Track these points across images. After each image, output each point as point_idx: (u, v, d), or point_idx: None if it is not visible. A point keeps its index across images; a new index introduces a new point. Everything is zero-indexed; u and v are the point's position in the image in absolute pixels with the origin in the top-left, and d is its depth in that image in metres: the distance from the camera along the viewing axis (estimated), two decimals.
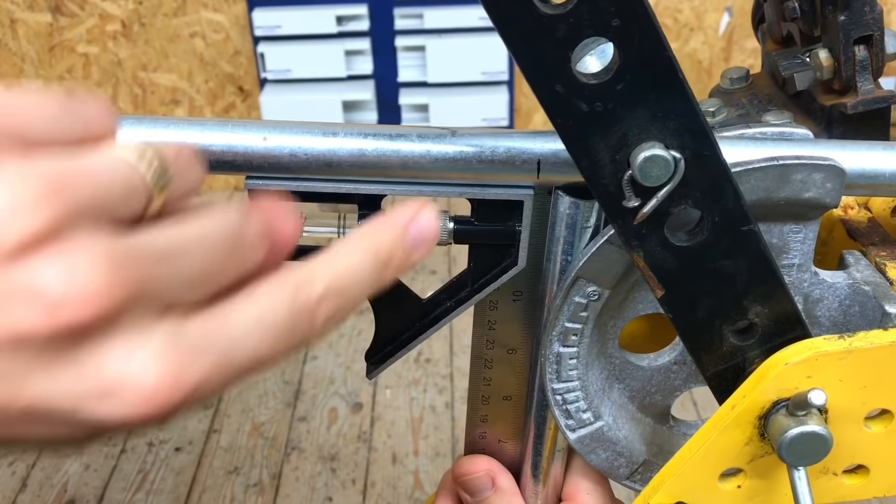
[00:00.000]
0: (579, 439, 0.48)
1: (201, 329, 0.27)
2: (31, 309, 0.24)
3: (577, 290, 0.43)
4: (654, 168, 0.35)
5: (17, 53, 2.49)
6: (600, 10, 0.33)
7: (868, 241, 0.47)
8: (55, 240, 0.25)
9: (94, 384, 0.26)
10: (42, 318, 0.24)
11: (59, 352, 0.25)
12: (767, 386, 0.40)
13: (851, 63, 0.48)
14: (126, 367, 0.26)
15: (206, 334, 0.28)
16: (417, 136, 0.41)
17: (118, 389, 0.26)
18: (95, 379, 0.26)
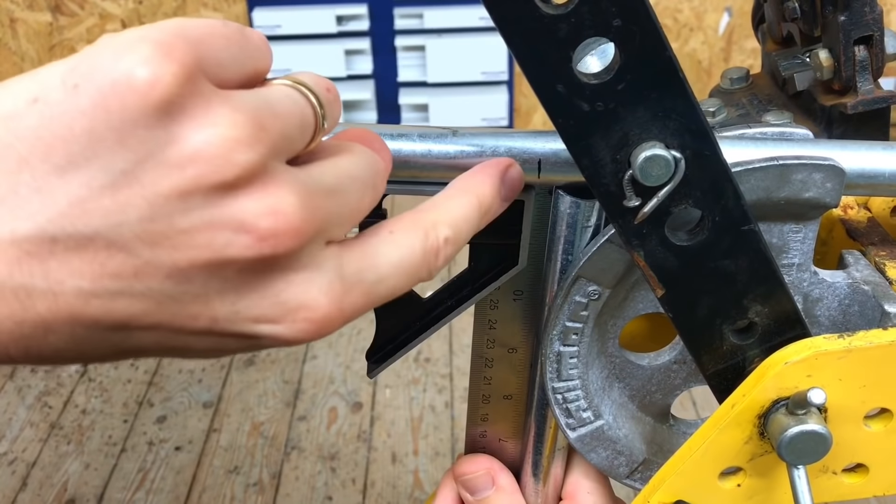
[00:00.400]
0: (579, 438, 0.48)
1: (358, 264, 0.31)
2: (240, 237, 0.27)
3: (577, 289, 0.43)
4: (655, 168, 0.36)
5: (17, 52, 2.49)
6: (601, 11, 0.33)
7: (867, 241, 0.48)
8: (261, 175, 0.27)
9: (274, 308, 0.28)
10: (248, 247, 0.27)
11: (251, 277, 0.28)
12: (767, 385, 0.40)
13: (851, 63, 0.48)
14: (304, 294, 0.28)
15: (362, 270, 0.31)
16: (418, 135, 0.41)
17: (293, 314, 0.28)
18: (276, 303, 0.28)
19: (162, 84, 0.26)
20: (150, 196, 0.26)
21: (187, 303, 0.28)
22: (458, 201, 0.36)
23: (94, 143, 0.26)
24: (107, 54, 0.26)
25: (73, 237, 0.26)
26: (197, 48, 0.27)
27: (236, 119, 0.27)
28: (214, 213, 0.27)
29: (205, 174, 0.26)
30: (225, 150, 0.26)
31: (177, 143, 0.26)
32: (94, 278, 0.26)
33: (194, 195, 0.26)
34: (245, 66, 0.30)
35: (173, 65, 0.26)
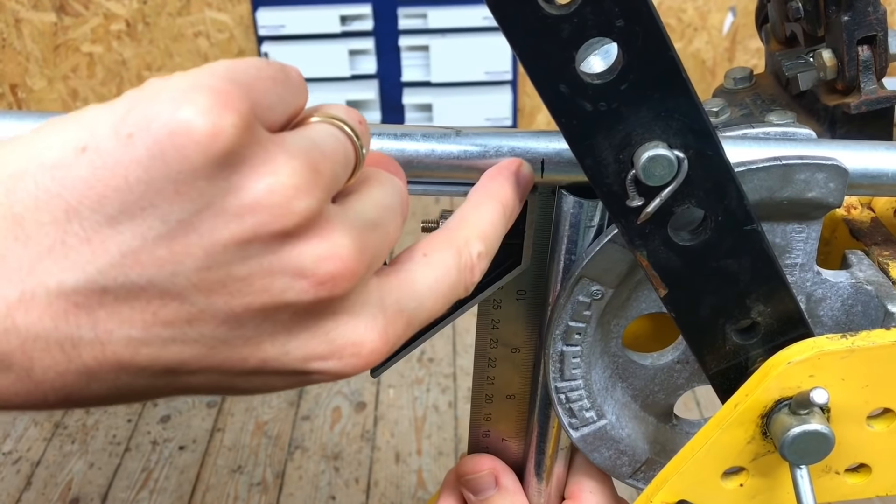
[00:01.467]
0: (582, 438, 0.48)
1: (397, 294, 0.31)
2: (298, 282, 0.27)
3: (580, 289, 0.43)
4: (658, 167, 0.36)
5: (22, 53, 2.49)
6: (604, 11, 0.33)
7: (871, 241, 0.48)
8: (318, 219, 0.27)
9: (324, 346, 0.29)
10: (306, 291, 0.27)
11: (303, 319, 0.28)
12: (770, 385, 0.40)
13: (855, 63, 0.48)
14: (352, 331, 0.29)
15: (401, 298, 0.31)
16: (422, 135, 0.41)
17: (342, 350, 0.29)
18: (326, 341, 0.29)
19: (223, 135, 0.25)
20: (207, 245, 0.26)
21: (239, 346, 0.28)
22: (484, 211, 0.36)
23: (150, 194, 0.25)
24: (162, 103, 0.25)
25: (124, 287, 0.26)
26: (250, 94, 0.27)
27: (294, 166, 0.27)
28: (273, 260, 0.27)
29: (265, 223, 0.26)
30: (286, 199, 0.26)
31: (236, 193, 0.26)
32: (146, 327, 0.26)
33: (253, 243, 0.26)
34: (289, 106, 0.30)
35: (233, 115, 0.26)
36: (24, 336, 0.25)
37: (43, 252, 0.25)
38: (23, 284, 0.25)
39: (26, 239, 0.25)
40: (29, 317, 0.25)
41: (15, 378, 0.26)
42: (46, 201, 0.25)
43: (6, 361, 0.25)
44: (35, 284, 0.25)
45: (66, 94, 2.56)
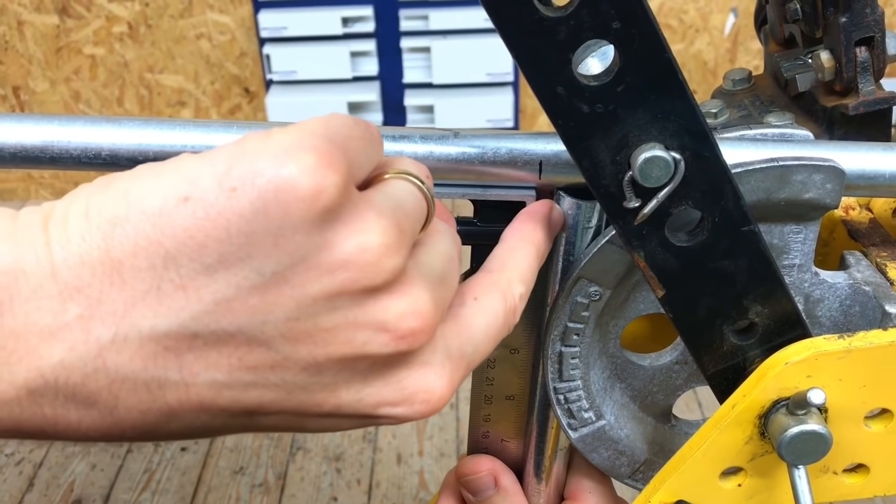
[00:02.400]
0: (581, 438, 0.48)
1: (458, 340, 0.32)
2: (380, 337, 0.28)
3: (578, 290, 0.43)
4: (655, 169, 0.36)
5: (25, 55, 2.50)
6: (601, 13, 0.33)
7: (869, 242, 0.48)
8: (400, 278, 0.29)
9: (396, 393, 0.30)
10: (386, 344, 0.29)
11: (379, 368, 0.30)
12: (768, 385, 0.40)
13: (853, 64, 0.48)
14: (422, 379, 0.30)
15: (462, 344, 0.33)
16: (420, 137, 0.41)
17: (413, 397, 0.30)
18: (398, 389, 0.30)
19: (326, 194, 0.27)
20: (299, 297, 0.27)
21: (316, 392, 0.29)
22: (522, 254, 0.38)
23: (249, 246, 0.26)
24: (266, 160, 0.26)
25: (214, 333, 0.27)
26: (346, 154, 0.28)
27: (383, 225, 0.28)
28: (358, 314, 0.28)
29: (355, 279, 0.27)
30: (376, 258, 0.28)
31: (330, 249, 0.27)
32: (230, 371, 0.27)
33: (342, 297, 0.28)
34: (372, 163, 0.31)
35: (335, 175, 0.27)
36: (112, 376, 0.26)
37: (138, 297, 0.26)
38: (116, 327, 0.26)
39: (122, 283, 0.26)
40: (120, 358, 0.26)
41: (98, 415, 0.27)
42: (145, 248, 0.26)
43: (92, 399, 0.27)
44: (128, 328, 0.26)
45: (68, 96, 2.56)
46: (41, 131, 0.41)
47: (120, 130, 0.41)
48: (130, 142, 0.41)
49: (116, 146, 0.41)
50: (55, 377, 0.26)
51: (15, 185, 2.73)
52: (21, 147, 0.41)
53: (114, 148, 0.41)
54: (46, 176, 2.71)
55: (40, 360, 0.26)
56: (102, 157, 0.41)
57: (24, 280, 0.26)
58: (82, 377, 0.26)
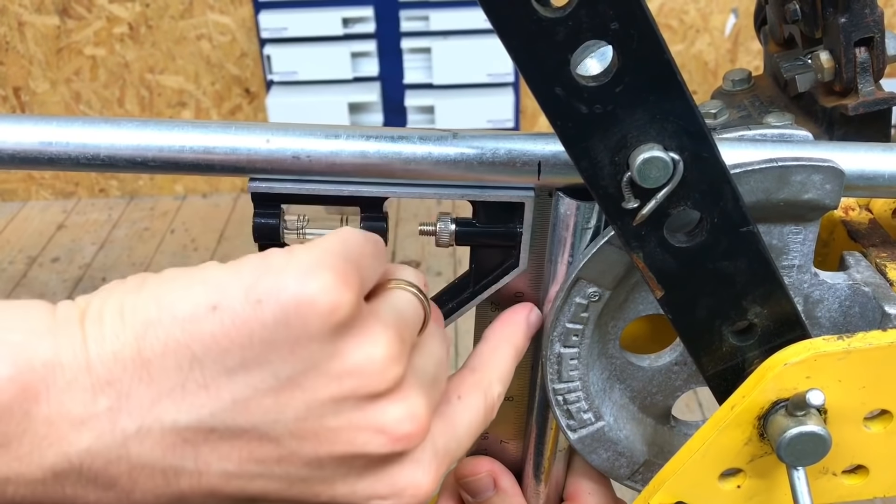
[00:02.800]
0: (580, 439, 0.48)
1: (444, 438, 0.35)
2: (378, 439, 0.31)
3: (577, 290, 0.43)
4: (653, 170, 0.36)
5: (25, 56, 2.50)
6: (599, 14, 0.33)
7: (869, 243, 0.48)
8: (400, 385, 0.32)
9: (387, 488, 0.33)
10: (383, 446, 0.31)
11: (374, 466, 0.32)
12: (767, 386, 0.40)
13: (852, 65, 0.48)
14: (411, 476, 0.33)
15: (448, 442, 0.35)
16: (419, 138, 0.41)
17: (402, 492, 0.33)
18: (389, 485, 0.33)
19: (342, 310, 0.30)
20: (309, 400, 0.30)
21: (315, 484, 0.32)
22: (501, 354, 0.41)
23: (268, 352, 0.29)
24: (289, 276, 0.29)
25: (229, 429, 0.29)
26: (359, 272, 0.31)
27: (388, 337, 0.31)
28: (361, 417, 0.31)
29: (361, 386, 0.30)
30: (381, 367, 0.31)
31: (341, 358, 0.30)
32: (241, 463, 0.30)
33: (347, 401, 0.30)
34: (378, 274, 0.34)
35: (350, 293, 0.30)
36: (133, 463, 0.29)
37: (164, 393, 0.29)
38: (142, 419, 0.28)
39: (150, 380, 0.29)
40: (142, 447, 0.29)
41: (114, 497, 0.29)
42: (174, 350, 0.29)
43: (112, 482, 0.29)
44: (152, 420, 0.29)
45: (68, 96, 2.56)
46: (39, 132, 0.41)
47: (118, 131, 0.41)
48: (128, 143, 0.41)
49: (115, 147, 0.41)
50: (80, 462, 0.28)
51: (16, 186, 2.73)
52: (20, 148, 0.41)
53: (112, 149, 0.41)
54: (47, 177, 2.71)
55: (69, 447, 0.28)
56: (101, 158, 0.41)
57: (60, 373, 0.28)
58: (105, 463, 0.28)
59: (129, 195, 2.76)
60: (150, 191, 2.75)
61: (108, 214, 2.67)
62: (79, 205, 2.73)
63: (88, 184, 2.73)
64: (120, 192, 2.76)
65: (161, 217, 2.65)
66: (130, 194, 2.76)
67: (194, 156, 0.41)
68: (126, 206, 2.72)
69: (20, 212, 2.70)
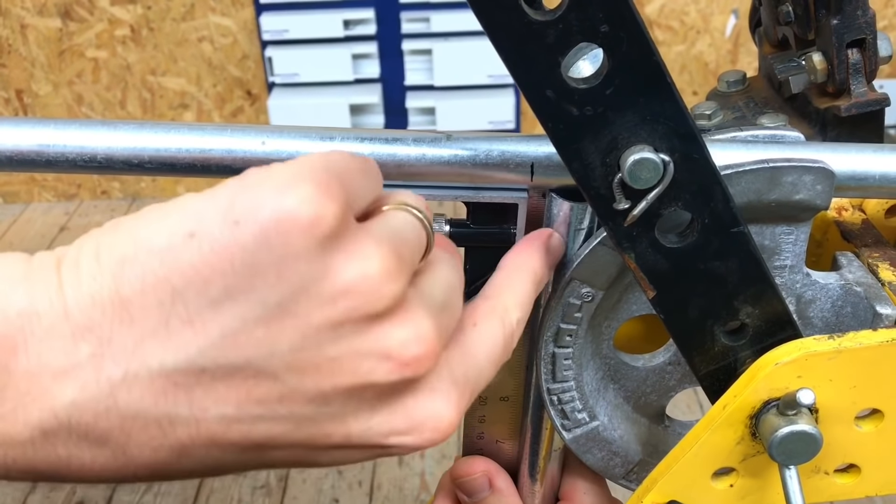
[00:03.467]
0: (575, 439, 0.48)
1: (462, 367, 0.33)
2: (384, 365, 0.29)
3: (570, 291, 0.43)
4: (644, 171, 0.36)
5: (28, 58, 2.51)
6: (589, 17, 0.33)
7: (861, 243, 0.48)
8: (401, 305, 0.29)
9: (405, 422, 0.30)
10: (391, 374, 0.29)
11: (386, 397, 0.30)
12: (758, 386, 0.40)
13: (844, 66, 0.48)
14: (430, 407, 0.31)
15: (466, 370, 0.33)
16: (413, 140, 0.42)
17: (422, 426, 0.30)
18: (407, 418, 0.30)
19: (325, 222, 0.27)
20: (303, 327, 0.27)
21: (324, 423, 0.29)
22: (518, 280, 0.38)
23: (253, 278, 0.27)
24: (267, 192, 0.27)
25: (222, 367, 0.27)
26: (344, 184, 0.29)
27: (382, 253, 0.28)
28: (362, 343, 0.28)
29: (357, 307, 0.28)
30: (377, 284, 0.28)
31: (331, 277, 0.27)
32: (239, 405, 0.28)
33: (345, 326, 0.28)
34: (370, 195, 0.32)
35: (333, 204, 0.27)
36: (124, 414, 0.27)
37: (147, 334, 0.26)
38: (127, 365, 0.26)
39: (132, 321, 0.26)
40: (130, 396, 0.27)
41: (110, 454, 0.27)
42: (153, 285, 0.26)
43: (104, 437, 0.27)
44: (138, 365, 0.26)
45: (71, 99, 2.57)
46: (37, 135, 0.41)
47: (115, 134, 0.41)
48: (125, 145, 0.41)
49: (112, 150, 0.41)
50: (68, 417, 0.26)
51: (18, 188, 2.74)
52: (17, 150, 0.41)
53: (109, 151, 0.41)
54: (49, 178, 2.72)
55: (53, 401, 0.26)
56: (98, 160, 0.41)
57: (37, 322, 0.26)
58: (94, 416, 0.26)
59: (131, 197, 2.76)
60: (152, 192, 2.76)
61: (111, 216, 2.67)
62: (81, 207, 2.74)
63: (91, 186, 2.74)
64: (122, 194, 2.76)
65: None
66: (133, 196, 2.76)
67: (191, 158, 0.42)
68: (128, 208, 2.72)
69: (22, 214, 2.71)
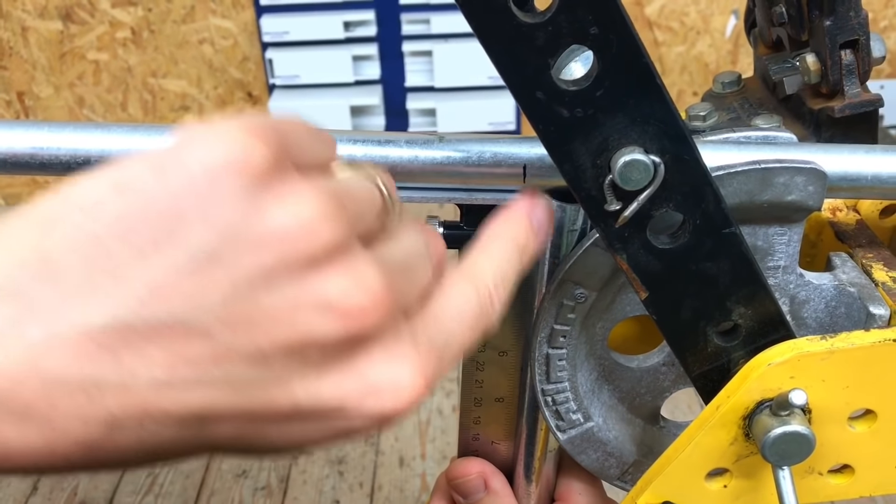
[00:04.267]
0: (570, 440, 0.48)
1: (427, 330, 0.30)
2: (324, 317, 0.26)
3: (564, 292, 0.43)
4: (634, 172, 0.36)
5: (29, 60, 2.51)
6: (578, 19, 0.33)
7: (855, 243, 0.48)
8: (342, 252, 0.27)
9: (360, 385, 0.27)
10: (333, 327, 0.26)
11: (333, 357, 0.27)
12: (751, 386, 0.40)
13: (838, 67, 0.48)
14: (388, 371, 0.28)
15: (432, 334, 0.30)
16: (405, 141, 0.42)
17: (380, 392, 0.28)
18: (361, 380, 0.27)
19: (253, 163, 0.26)
20: (232, 276, 0.25)
21: (267, 387, 0.26)
22: (495, 246, 0.36)
23: (179, 224, 0.25)
24: (196, 139, 0.26)
25: (149, 324, 0.25)
26: (279, 132, 0.27)
27: (320, 197, 0.26)
28: (299, 292, 0.26)
29: (290, 250, 0.26)
30: (310, 226, 0.26)
31: (262, 221, 0.26)
32: (170, 367, 0.25)
33: (279, 273, 0.26)
34: (318, 154, 0.30)
35: (264, 146, 0.26)
36: (46, 380, 0.24)
37: (71, 291, 0.25)
38: (48, 326, 0.24)
39: (55, 280, 0.25)
40: (52, 359, 0.24)
41: (36, 430, 0.25)
42: (79, 239, 0.25)
43: (26, 410, 0.24)
44: (60, 325, 0.24)
45: (72, 101, 2.57)
46: (31, 137, 0.41)
47: (109, 136, 0.42)
48: (120, 148, 0.42)
49: (106, 152, 0.42)
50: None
51: (20, 190, 2.74)
52: (11, 153, 0.41)
53: (103, 154, 0.42)
54: (51, 181, 2.71)
55: None
56: (92, 163, 0.42)
57: None
58: (14, 384, 0.24)
59: None
60: None
61: None
62: None
63: None
64: None
65: None
66: None
67: None
68: None
69: None
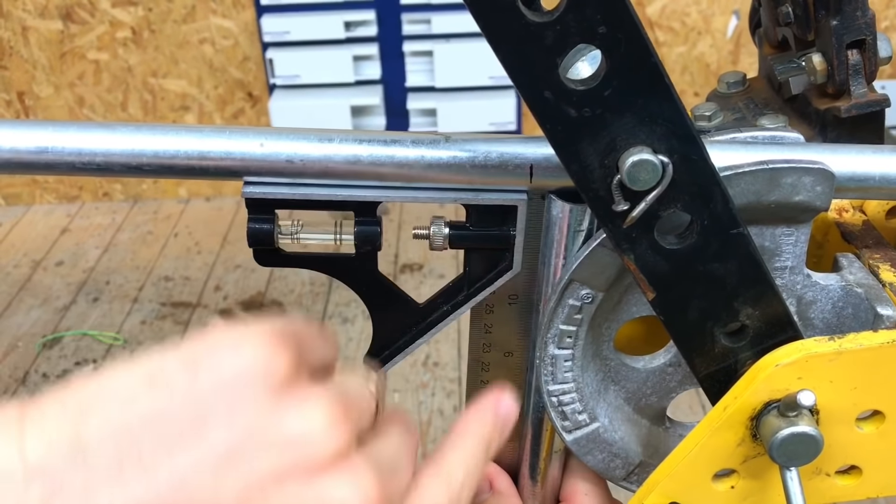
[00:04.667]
0: (575, 441, 0.48)
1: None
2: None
3: (570, 292, 0.43)
4: (642, 172, 0.36)
5: (29, 60, 2.51)
6: (587, 18, 0.33)
7: (862, 244, 0.48)
8: (345, 457, 0.30)
9: None
10: None
11: None
12: (759, 387, 0.40)
13: (844, 67, 0.48)
14: None
15: None
16: (412, 141, 0.42)
17: None
18: None
19: (274, 371, 0.29)
20: (248, 474, 0.28)
21: None
22: (465, 444, 0.39)
23: (206, 423, 0.28)
24: (226, 346, 0.29)
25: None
26: (296, 341, 0.31)
27: (330, 403, 0.30)
28: (307, 494, 0.29)
29: (302, 456, 0.29)
30: (322, 434, 0.29)
31: (280, 426, 0.29)
32: None
33: (290, 475, 0.29)
34: (324, 357, 0.34)
35: (284, 357, 0.30)
36: None
37: (100, 477, 0.27)
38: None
39: (85, 465, 0.27)
40: None
41: None
42: (113, 428, 0.28)
43: None
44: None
45: (72, 101, 2.57)
46: (36, 137, 0.41)
47: (113, 136, 0.41)
48: (124, 147, 0.41)
49: (110, 152, 0.41)
50: None
51: (20, 190, 2.74)
52: (16, 153, 0.41)
53: (107, 154, 0.41)
54: (51, 181, 2.72)
55: None
56: (96, 162, 0.41)
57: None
58: None
59: (132, 199, 2.77)
60: (153, 194, 2.76)
61: (112, 218, 2.68)
62: (83, 209, 2.74)
63: (92, 188, 2.74)
64: (123, 196, 2.76)
65: (164, 220, 2.65)
66: (134, 198, 2.77)
67: (189, 160, 0.42)
68: (130, 209, 2.72)
69: (25, 216, 2.71)
